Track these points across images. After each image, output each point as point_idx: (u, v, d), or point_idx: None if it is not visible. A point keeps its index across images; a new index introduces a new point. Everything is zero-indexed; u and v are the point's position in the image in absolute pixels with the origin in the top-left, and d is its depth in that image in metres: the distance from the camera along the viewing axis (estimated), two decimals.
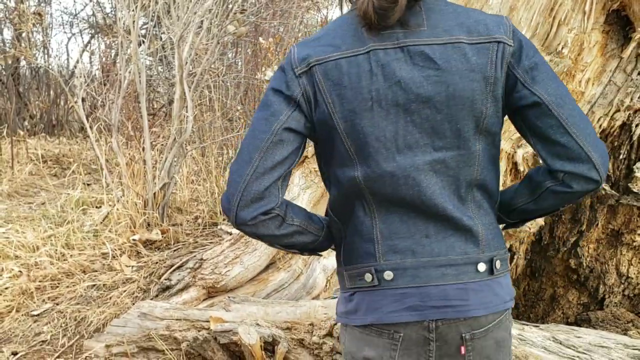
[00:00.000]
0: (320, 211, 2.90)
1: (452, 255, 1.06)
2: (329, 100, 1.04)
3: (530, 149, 2.27)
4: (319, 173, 2.84)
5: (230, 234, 3.57)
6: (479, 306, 1.06)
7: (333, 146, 1.07)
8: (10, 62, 7.38)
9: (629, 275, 2.44)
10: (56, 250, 3.41)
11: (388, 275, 1.06)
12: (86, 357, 2.46)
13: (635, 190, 2.27)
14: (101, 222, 3.79)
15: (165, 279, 2.91)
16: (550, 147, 1.05)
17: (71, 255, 3.39)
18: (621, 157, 2.32)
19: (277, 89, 1.06)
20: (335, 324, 2.20)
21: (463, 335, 1.06)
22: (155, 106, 7.06)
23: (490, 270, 1.08)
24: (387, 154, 1.03)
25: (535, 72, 1.04)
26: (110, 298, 2.96)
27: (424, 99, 1.01)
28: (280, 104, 1.05)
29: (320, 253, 1.25)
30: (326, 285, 2.72)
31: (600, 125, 2.33)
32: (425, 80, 1.01)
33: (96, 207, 4.28)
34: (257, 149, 1.05)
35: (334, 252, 1.21)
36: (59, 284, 3.16)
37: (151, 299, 2.78)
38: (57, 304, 2.97)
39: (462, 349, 1.07)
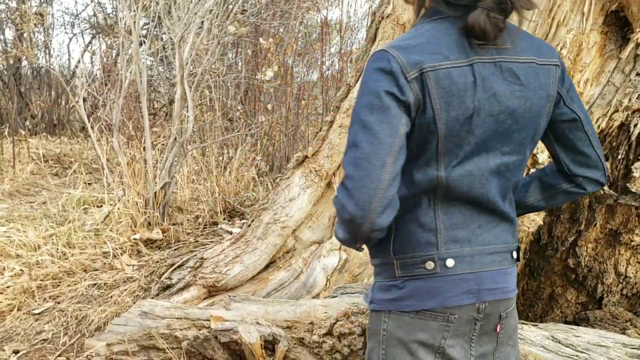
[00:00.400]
0: (320, 210, 2.91)
1: (497, 244, 1.21)
2: (436, 107, 1.08)
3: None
4: (319, 173, 2.85)
5: (231, 233, 3.58)
6: (512, 288, 1.24)
7: (423, 148, 1.12)
8: (12, 62, 7.39)
9: (627, 274, 2.44)
10: (57, 249, 3.42)
11: (450, 262, 1.16)
12: (87, 355, 2.46)
13: (633, 190, 2.27)
14: (102, 221, 3.80)
15: (166, 278, 2.92)
16: (574, 156, 1.27)
17: (72, 254, 3.39)
18: (619, 157, 2.32)
19: (390, 91, 1.06)
20: (335, 322, 2.21)
21: (501, 314, 1.22)
22: (156, 106, 7.07)
23: (517, 257, 1.26)
24: (471, 156, 1.14)
25: (572, 93, 1.24)
26: (111, 297, 2.97)
27: (510, 111, 1.14)
28: (396, 108, 1.07)
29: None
30: (326, 285, 2.72)
31: (599, 126, 2.34)
32: (511, 94, 1.13)
33: (97, 206, 4.29)
34: (389, 153, 1.05)
35: (332, 252, 1.24)
36: (60, 282, 3.17)
37: (152, 298, 2.79)
38: (58, 303, 2.98)
39: (498, 327, 1.23)
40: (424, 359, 1.18)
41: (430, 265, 1.15)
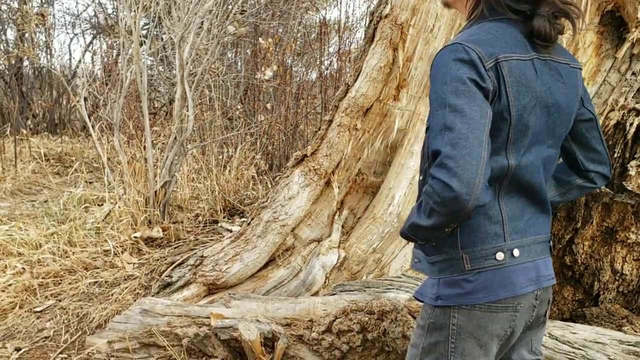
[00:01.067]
0: (319, 209, 2.93)
1: (543, 234, 1.29)
2: (510, 94, 1.16)
3: None
4: (318, 171, 2.87)
5: (230, 231, 3.60)
6: (554, 275, 1.33)
7: (494, 136, 1.17)
8: (13, 62, 7.43)
9: (623, 272, 2.45)
10: (59, 247, 3.44)
11: (516, 252, 1.22)
12: (88, 353, 2.48)
13: (629, 188, 2.28)
14: (103, 220, 3.82)
15: (167, 276, 2.93)
16: (587, 153, 1.38)
17: (73, 253, 3.41)
18: (615, 155, 2.33)
19: (473, 79, 1.12)
20: (335, 319, 2.23)
21: (549, 299, 1.32)
22: (157, 105, 7.09)
23: (552, 246, 1.36)
24: (531, 147, 1.22)
25: (586, 95, 1.36)
26: (112, 295, 2.99)
27: (558, 105, 1.24)
28: (480, 94, 1.12)
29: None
30: (325, 282, 2.74)
31: None
32: (558, 90, 1.24)
33: (98, 204, 4.31)
34: (483, 133, 1.09)
35: (331, 250, 1.26)
36: (61, 280, 3.19)
37: (152, 296, 2.80)
38: (60, 301, 2.99)
39: (548, 312, 1.33)
40: (491, 348, 1.25)
41: (500, 256, 1.20)
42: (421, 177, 1.29)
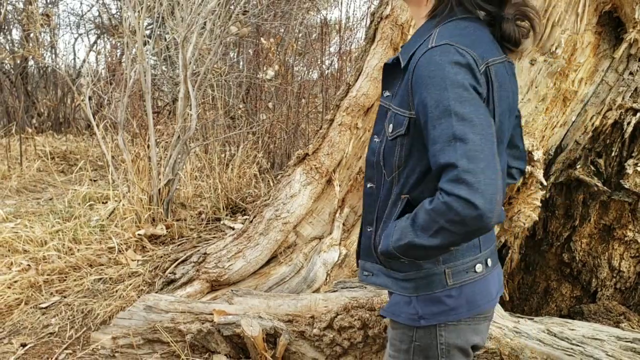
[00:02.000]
0: (320, 206, 2.95)
1: (494, 241, 1.27)
2: (496, 100, 1.11)
3: None
4: (319, 170, 2.90)
5: (233, 228, 3.63)
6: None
7: None
8: (19, 61, 7.47)
9: (621, 269, 2.47)
10: (64, 244, 3.46)
11: (489, 262, 1.20)
12: (93, 348, 2.50)
13: (626, 186, 2.31)
14: (107, 217, 3.85)
15: (170, 273, 2.95)
16: (511, 150, 1.34)
17: (78, 250, 3.44)
18: (613, 154, 2.35)
19: (472, 84, 1.03)
20: (336, 316, 2.25)
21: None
22: (160, 104, 7.11)
23: None
24: (501, 153, 1.18)
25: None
26: (117, 291, 3.01)
27: (514, 107, 1.21)
28: (480, 100, 1.04)
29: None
30: (326, 279, 2.76)
31: (593, 124, 2.37)
32: (514, 92, 1.21)
33: (102, 202, 4.34)
34: (494, 143, 1.00)
35: (332, 247, 1.28)
36: (66, 277, 3.21)
37: (156, 292, 2.82)
38: (65, 297, 3.02)
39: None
40: (471, 355, 1.23)
41: (479, 267, 1.16)
42: (371, 185, 1.21)
